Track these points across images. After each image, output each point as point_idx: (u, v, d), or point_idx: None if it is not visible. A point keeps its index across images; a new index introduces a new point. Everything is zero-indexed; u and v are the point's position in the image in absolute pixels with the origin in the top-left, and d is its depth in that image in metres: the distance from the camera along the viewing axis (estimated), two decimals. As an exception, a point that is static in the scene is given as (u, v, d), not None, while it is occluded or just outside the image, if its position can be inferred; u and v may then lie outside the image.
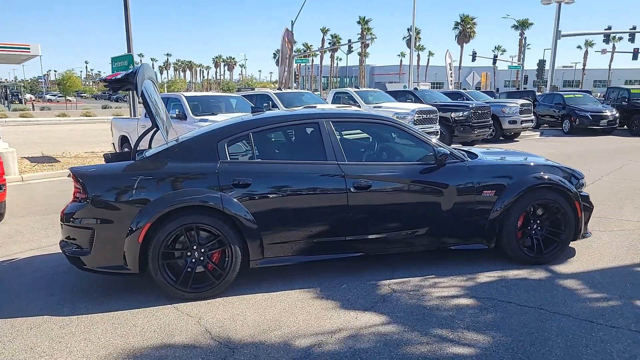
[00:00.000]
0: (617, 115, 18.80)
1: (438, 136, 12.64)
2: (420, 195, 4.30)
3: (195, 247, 3.92)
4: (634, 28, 35.09)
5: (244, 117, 4.56)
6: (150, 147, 5.14)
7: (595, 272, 4.40)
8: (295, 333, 3.36)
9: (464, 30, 66.57)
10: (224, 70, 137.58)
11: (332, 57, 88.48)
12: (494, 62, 53.16)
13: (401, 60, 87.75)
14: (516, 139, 17.32)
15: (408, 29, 75.64)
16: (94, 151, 15.10)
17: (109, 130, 23.33)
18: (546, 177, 4.51)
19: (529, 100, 18.76)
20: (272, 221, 4.02)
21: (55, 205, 7.57)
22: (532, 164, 4.71)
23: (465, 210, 4.38)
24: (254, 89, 49.09)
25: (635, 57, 40.84)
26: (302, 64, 62.18)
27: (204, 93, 11.74)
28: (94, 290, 4.18)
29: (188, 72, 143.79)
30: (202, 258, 3.95)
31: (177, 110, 9.90)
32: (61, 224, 4.01)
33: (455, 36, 68.09)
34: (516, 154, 5.27)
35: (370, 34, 72.73)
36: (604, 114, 18.62)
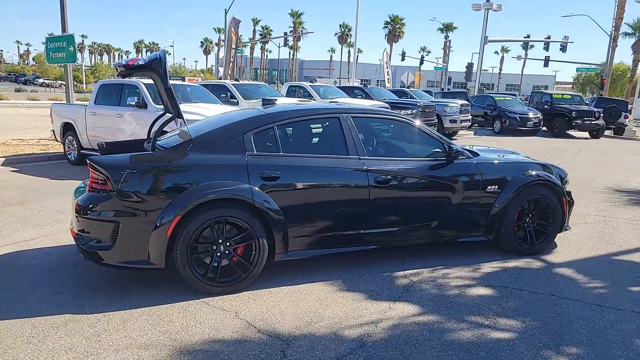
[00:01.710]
0: (541, 117, 20.41)
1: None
2: (435, 189, 4.51)
3: (221, 241, 3.85)
4: (549, 37, 38.15)
5: (260, 109, 4.49)
6: (149, 136, 4.94)
7: (581, 261, 4.85)
8: (339, 324, 3.43)
9: (394, 30, 68.69)
10: (146, 56, 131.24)
11: (262, 49, 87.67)
12: (421, 62, 55.43)
13: (331, 56, 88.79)
14: (454, 137, 18.27)
15: (340, 25, 76.78)
16: (22, 138, 13.90)
17: (28, 115, 21.82)
18: (541, 174, 4.90)
19: (467, 101, 19.83)
20: (297, 214, 4.04)
21: (5, 197, 6.98)
22: (528, 162, 5.09)
23: (471, 204, 4.65)
24: (184, 79, 47.41)
25: (546, 65, 44.41)
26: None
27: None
28: (104, 286, 3.97)
29: (106, 56, 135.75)
30: (227, 252, 3.88)
31: (135, 98, 9.42)
32: (76, 217, 3.75)
33: (385, 35, 70.09)
34: (507, 152, 5.65)
35: (303, 27, 72.89)
36: (530, 116, 20.15)
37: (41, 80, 63.33)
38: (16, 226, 5.62)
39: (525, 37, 37.59)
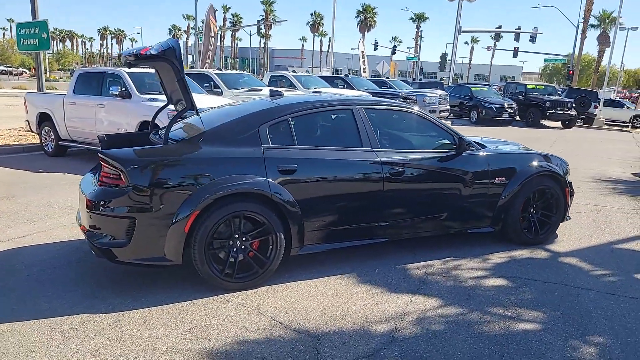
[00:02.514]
0: (516, 107, 20.83)
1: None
2: (446, 181, 4.52)
3: (237, 236, 3.75)
4: (519, 28, 38.81)
5: (271, 100, 4.38)
6: (151, 128, 4.79)
7: (584, 250, 4.96)
8: (365, 319, 3.40)
9: (365, 19, 68.67)
10: (112, 44, 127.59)
11: (233, 37, 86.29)
12: (393, 52, 55.58)
13: (303, 45, 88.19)
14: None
15: (312, 14, 76.24)
16: (-5, 129, 13.25)
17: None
18: (545, 165, 4.98)
19: (445, 92, 20.05)
20: (313, 208, 3.98)
21: (-9, 191, 6.67)
22: (532, 153, 5.16)
23: (480, 195, 4.68)
24: (154, 66, 46.16)
25: (515, 55, 45.18)
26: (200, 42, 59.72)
27: (143, 70, 10.88)
28: (113, 283, 3.82)
29: (69, 43, 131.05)
30: (243, 247, 3.79)
31: (118, 87, 9.09)
32: (87, 213, 3.59)
33: (357, 24, 70.01)
34: (509, 144, 5.71)
35: (274, 16, 72.09)
36: (506, 106, 20.53)
37: (1, 68, 60.77)
38: (6, 222, 5.37)
39: (496, 28, 38.20)
